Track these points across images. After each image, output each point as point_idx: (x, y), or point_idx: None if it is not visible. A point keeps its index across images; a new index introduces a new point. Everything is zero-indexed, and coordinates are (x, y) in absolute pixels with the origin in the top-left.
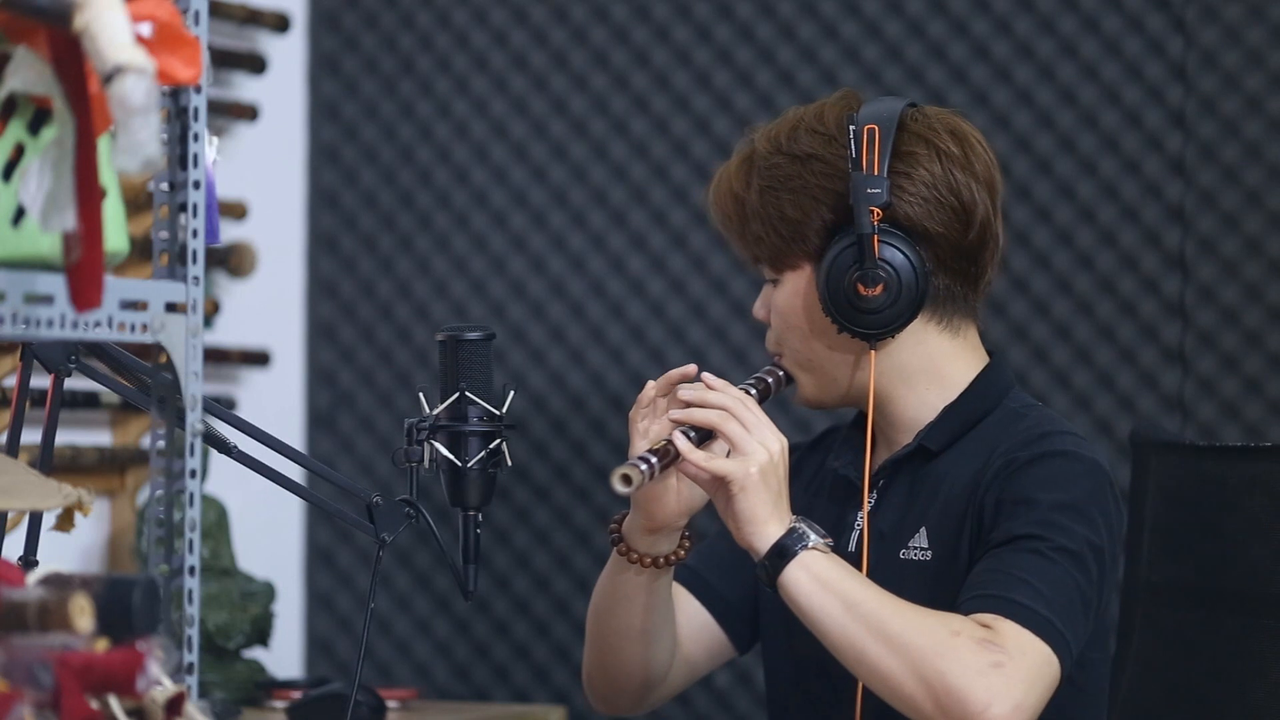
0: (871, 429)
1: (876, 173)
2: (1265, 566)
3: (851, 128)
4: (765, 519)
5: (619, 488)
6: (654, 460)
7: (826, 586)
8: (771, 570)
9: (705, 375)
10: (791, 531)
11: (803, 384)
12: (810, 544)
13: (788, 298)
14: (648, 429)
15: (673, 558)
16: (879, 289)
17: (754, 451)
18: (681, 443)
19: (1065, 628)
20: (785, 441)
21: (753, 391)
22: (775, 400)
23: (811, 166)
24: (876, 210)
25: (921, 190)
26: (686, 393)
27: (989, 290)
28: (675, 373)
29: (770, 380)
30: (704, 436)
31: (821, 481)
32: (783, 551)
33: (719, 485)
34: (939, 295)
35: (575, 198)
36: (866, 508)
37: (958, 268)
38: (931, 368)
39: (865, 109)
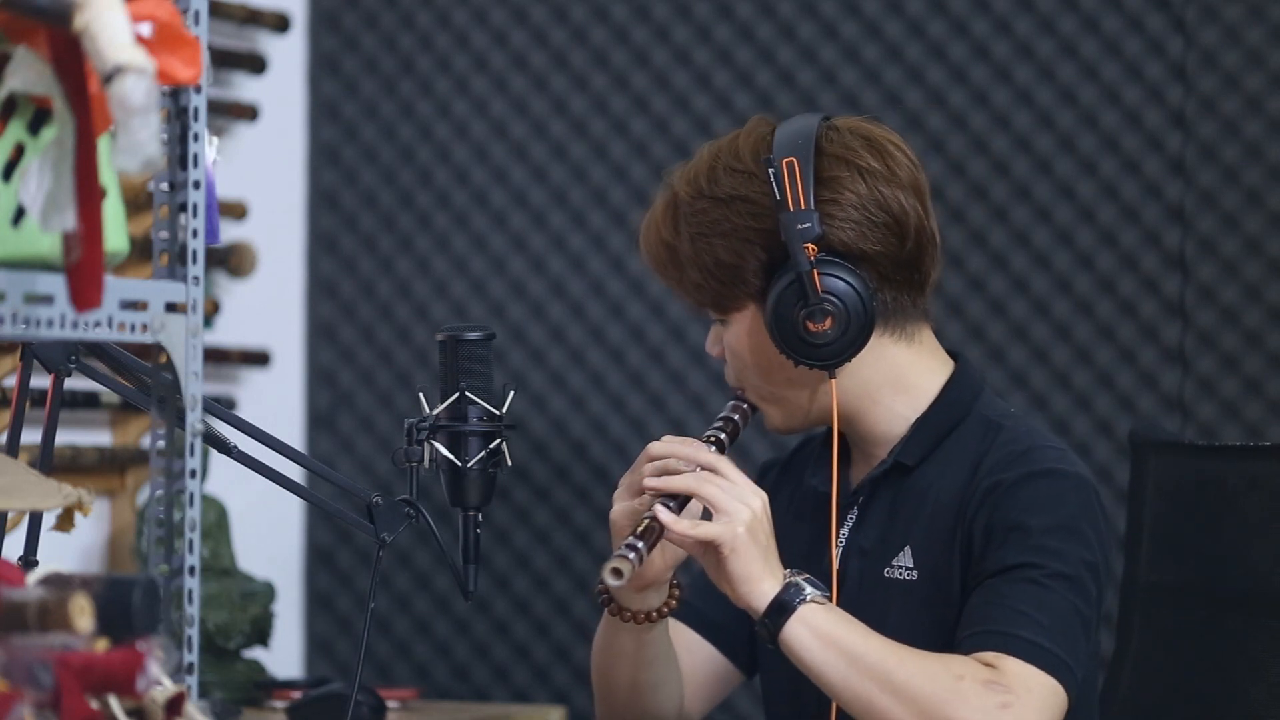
0: (847, 445)
1: (804, 206)
2: (1265, 566)
3: (771, 170)
4: (759, 577)
5: (611, 581)
6: (640, 546)
7: (828, 641)
8: (772, 628)
9: (668, 439)
10: (787, 587)
11: (770, 415)
12: (807, 597)
13: (738, 338)
14: (632, 491)
15: (664, 609)
16: (828, 322)
17: (737, 511)
18: (665, 515)
19: (1068, 656)
20: (765, 497)
21: (723, 436)
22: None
23: (736, 208)
24: (810, 245)
25: (851, 214)
26: (658, 461)
27: (940, 289)
28: (658, 448)
29: (737, 417)
30: (684, 503)
31: (802, 500)
32: (781, 608)
33: (707, 550)
34: (888, 309)
35: (575, 198)
36: (835, 531)
37: (901, 278)
38: (895, 379)
39: (779, 137)
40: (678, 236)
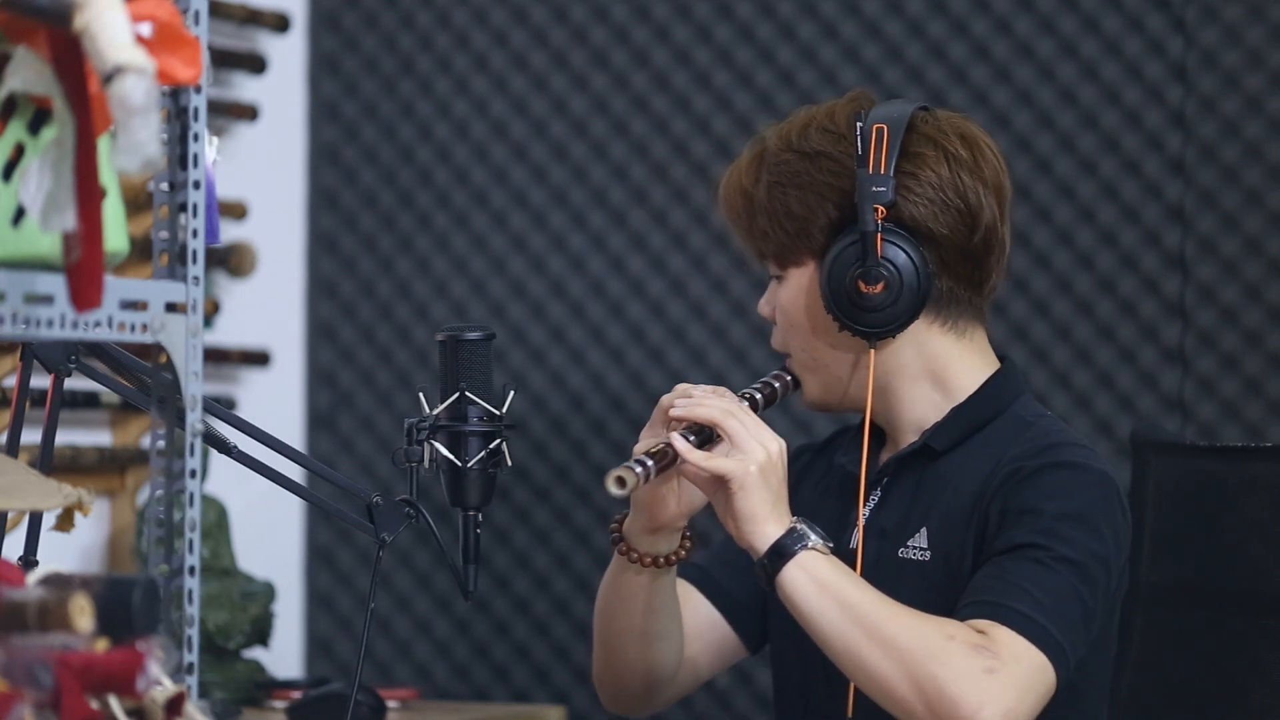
0: (879, 428)
1: (883, 172)
2: (1265, 566)
3: (860, 126)
4: (764, 518)
5: (613, 489)
6: (650, 463)
7: (823, 588)
8: (770, 569)
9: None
10: (791, 531)
11: (808, 385)
12: (809, 544)
13: (791, 295)
14: (656, 433)
15: (674, 557)
16: (880, 287)
17: (753, 450)
18: (680, 443)
19: (1062, 636)
20: (784, 443)
21: (759, 396)
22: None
23: (819, 163)
24: (881, 208)
25: (928, 191)
26: (684, 400)
27: (994, 295)
28: (688, 387)
29: (777, 385)
30: (703, 440)
31: (830, 479)
32: (781, 551)
33: (718, 485)
34: (942, 297)
35: (575, 198)
36: (862, 505)
37: (961, 270)
38: (935, 368)
39: (876, 109)
40: (756, 185)
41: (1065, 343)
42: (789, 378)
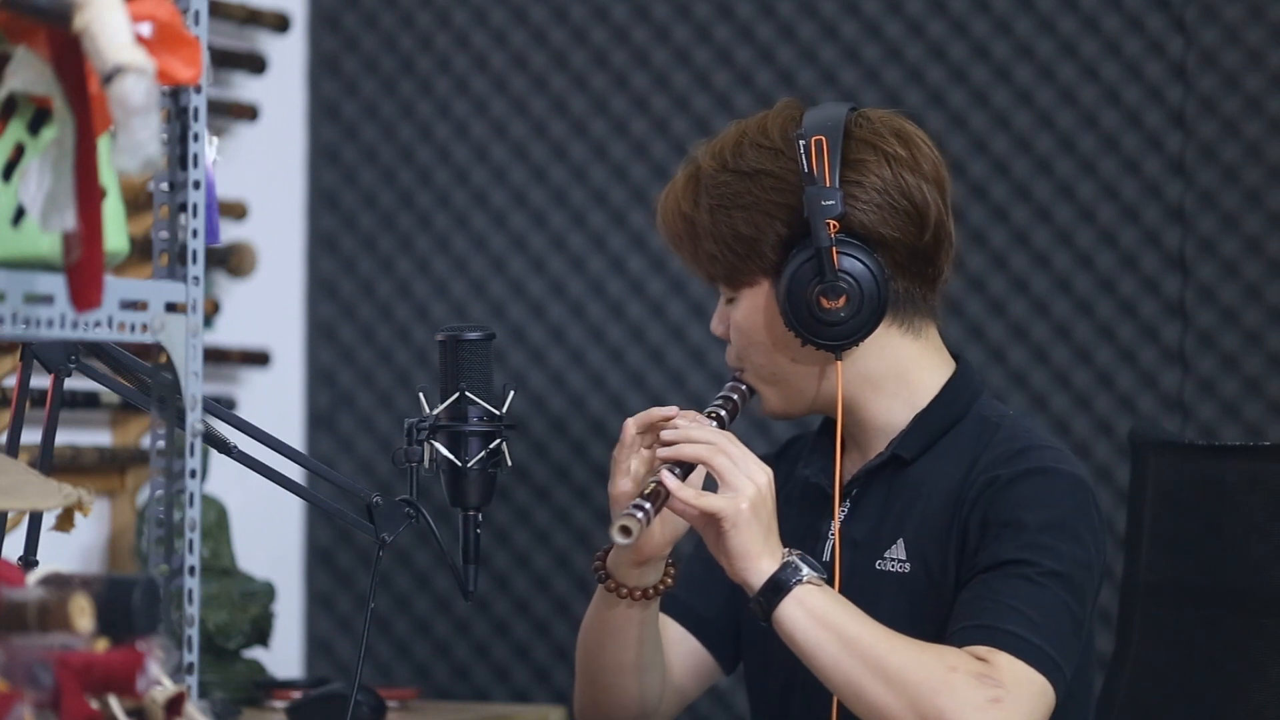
0: (842, 437)
1: (829, 184)
2: (1265, 566)
3: (801, 141)
4: (758, 554)
5: (619, 539)
6: (648, 506)
7: (822, 622)
8: (766, 606)
9: (679, 411)
10: (785, 566)
11: (767, 397)
12: (804, 578)
13: (747, 314)
14: (629, 468)
15: (661, 587)
16: (841, 301)
17: (742, 486)
18: (671, 481)
19: (1058, 654)
20: (770, 473)
21: (722, 413)
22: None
23: (761, 182)
24: (832, 222)
25: (874, 197)
26: (670, 433)
27: (945, 288)
28: (655, 411)
29: (735, 397)
30: (688, 471)
31: (791, 490)
32: (777, 587)
33: (709, 522)
34: (899, 299)
35: (575, 198)
36: (838, 518)
37: (915, 270)
38: (897, 372)
39: (809, 119)
40: (697, 209)
41: (1065, 343)
42: (745, 388)
